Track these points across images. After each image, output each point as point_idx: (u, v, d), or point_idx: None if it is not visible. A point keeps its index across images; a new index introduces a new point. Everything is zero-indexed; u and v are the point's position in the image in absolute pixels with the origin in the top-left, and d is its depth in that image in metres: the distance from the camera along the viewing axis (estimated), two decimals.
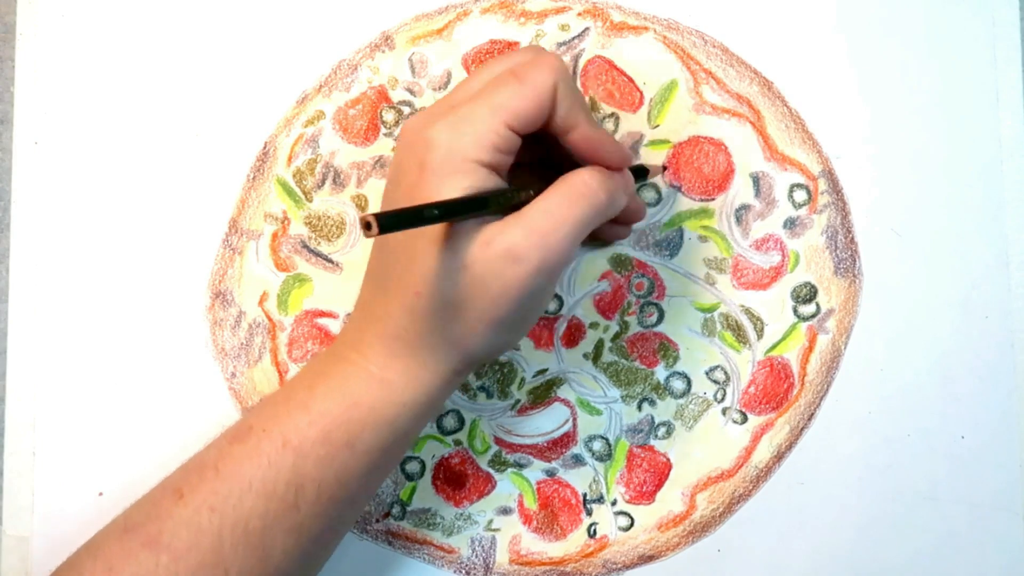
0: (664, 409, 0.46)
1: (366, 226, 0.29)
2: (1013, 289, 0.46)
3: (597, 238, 0.45)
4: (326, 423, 0.36)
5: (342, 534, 0.39)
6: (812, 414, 0.45)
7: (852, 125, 0.46)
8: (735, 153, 0.46)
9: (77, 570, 0.36)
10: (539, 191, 0.35)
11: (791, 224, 0.46)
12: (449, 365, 0.36)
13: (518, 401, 0.46)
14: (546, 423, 0.46)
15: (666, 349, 0.46)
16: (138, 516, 0.36)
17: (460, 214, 0.33)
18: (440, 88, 0.46)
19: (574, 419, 0.46)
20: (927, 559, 0.45)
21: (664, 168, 0.45)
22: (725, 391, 0.46)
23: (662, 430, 0.45)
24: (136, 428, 0.44)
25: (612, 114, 0.46)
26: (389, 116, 0.46)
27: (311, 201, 0.45)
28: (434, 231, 0.34)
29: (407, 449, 0.39)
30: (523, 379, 0.46)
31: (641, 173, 0.42)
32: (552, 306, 0.46)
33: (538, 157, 0.38)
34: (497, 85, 0.35)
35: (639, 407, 0.46)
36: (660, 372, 0.46)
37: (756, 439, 0.45)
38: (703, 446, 0.45)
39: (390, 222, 0.29)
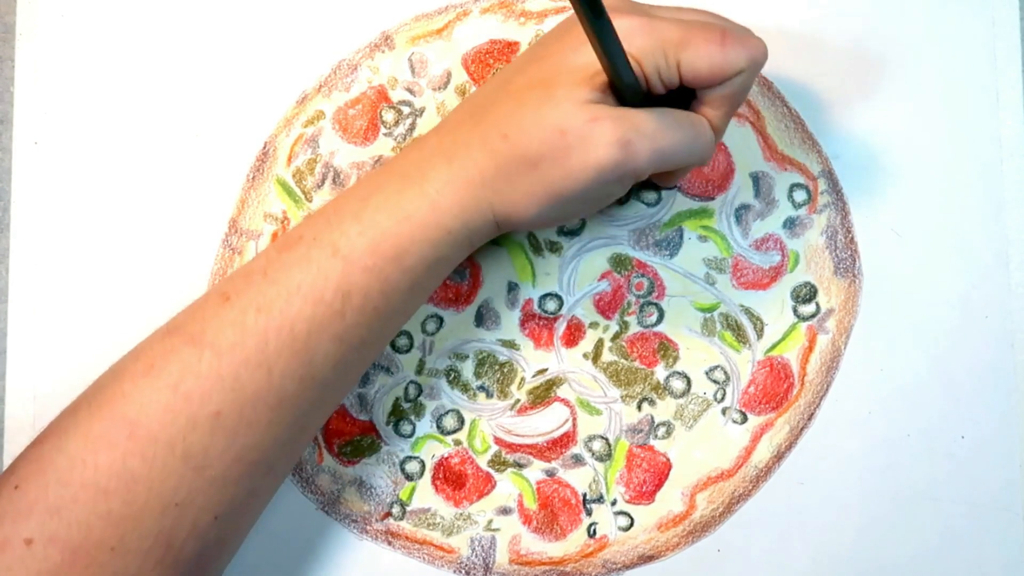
0: (664, 409, 0.46)
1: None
2: (1013, 289, 0.46)
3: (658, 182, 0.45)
4: (375, 234, 0.36)
5: (376, 352, 0.39)
6: (812, 414, 0.45)
7: (852, 125, 0.46)
8: (735, 153, 0.46)
9: (118, 372, 0.36)
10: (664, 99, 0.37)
11: (791, 224, 0.46)
12: (497, 213, 0.37)
13: (518, 401, 0.46)
14: (546, 423, 0.46)
15: (666, 349, 0.46)
16: (182, 319, 0.37)
17: (612, 57, 0.33)
18: (440, 88, 0.46)
19: (574, 419, 0.46)
20: (927, 559, 0.45)
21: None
22: (725, 391, 0.46)
23: (662, 430, 0.45)
24: None
25: None
26: (389, 116, 0.46)
27: (311, 201, 0.45)
28: (548, 83, 0.35)
29: (444, 277, 0.39)
30: (523, 379, 0.46)
31: None
32: (552, 306, 0.46)
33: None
34: (701, 29, 0.36)
35: (639, 407, 0.45)
36: (660, 372, 0.46)
37: (756, 439, 0.45)
38: (703, 446, 0.45)
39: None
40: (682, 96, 0.38)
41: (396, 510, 0.45)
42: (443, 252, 0.37)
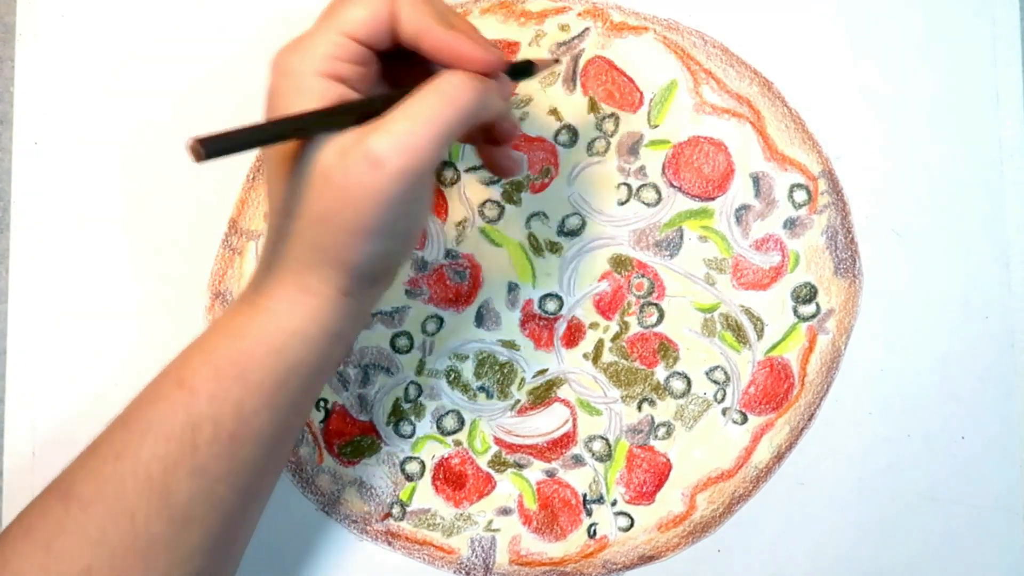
0: (664, 409, 0.46)
1: (193, 152, 0.27)
2: (1013, 289, 0.46)
3: (491, 168, 0.43)
4: (216, 359, 0.35)
5: (259, 482, 0.37)
6: (812, 414, 0.45)
7: (852, 125, 0.46)
8: (735, 153, 0.46)
9: (4, 537, 0.36)
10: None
11: (791, 224, 0.46)
12: (333, 285, 0.35)
13: (518, 401, 0.46)
14: (546, 423, 0.46)
15: (666, 349, 0.46)
16: (59, 476, 0.37)
17: (298, 131, 0.32)
18: None
19: (574, 419, 0.46)
20: (927, 559, 0.45)
21: (556, 60, 0.43)
22: (725, 391, 0.46)
23: (662, 430, 0.45)
24: None
25: (612, 114, 0.46)
26: None
27: None
28: (290, 149, 0.34)
29: (316, 385, 0.38)
30: (523, 379, 0.46)
31: (525, 71, 0.39)
32: (552, 306, 0.46)
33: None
34: (337, 1, 0.34)
35: (639, 407, 0.45)
36: (660, 372, 0.46)
37: (756, 439, 0.45)
38: (703, 446, 0.45)
39: (217, 146, 0.28)
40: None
41: (396, 511, 0.45)
42: (294, 356, 0.35)
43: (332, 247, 0.34)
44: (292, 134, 0.32)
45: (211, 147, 0.28)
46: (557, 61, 0.43)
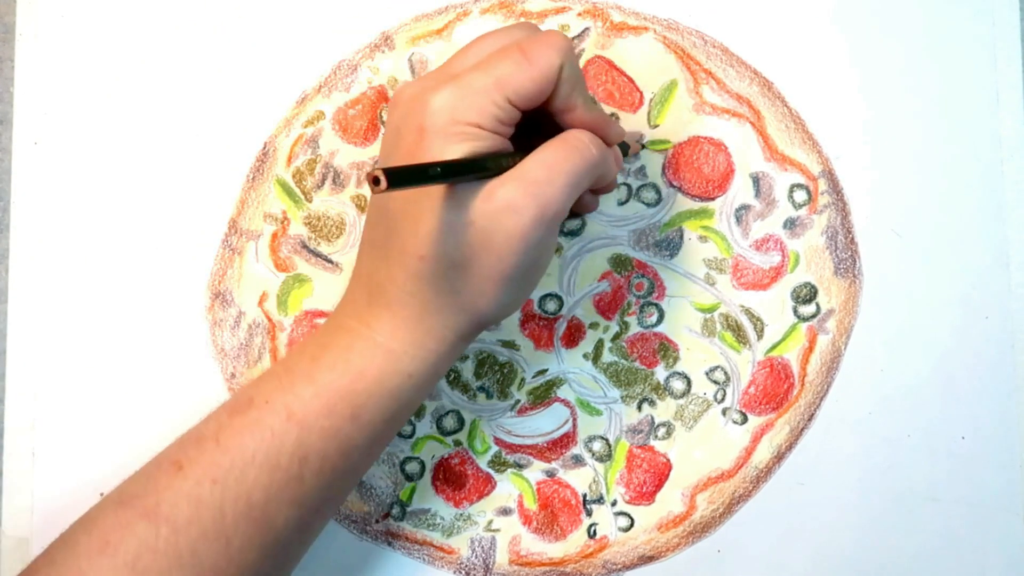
0: (664, 409, 0.46)
1: (374, 181, 0.28)
2: (1013, 289, 0.46)
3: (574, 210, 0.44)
4: (330, 395, 0.35)
5: (340, 503, 0.39)
6: (812, 415, 0.45)
7: (852, 125, 0.46)
8: (735, 153, 0.46)
9: (71, 546, 0.35)
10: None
11: (791, 224, 0.46)
12: (457, 330, 0.36)
13: (518, 401, 0.46)
14: (546, 423, 0.46)
15: (666, 349, 0.46)
16: (134, 489, 0.36)
17: (464, 173, 0.33)
18: None
19: (574, 419, 0.46)
20: (927, 559, 0.45)
21: (642, 145, 0.45)
22: (725, 391, 0.46)
23: (662, 430, 0.45)
24: (135, 428, 0.44)
25: (612, 114, 0.46)
26: None
27: (311, 201, 0.45)
28: (436, 193, 0.34)
29: (409, 416, 0.38)
30: (523, 379, 0.46)
31: (624, 149, 0.43)
32: (552, 306, 0.46)
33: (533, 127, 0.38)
34: (501, 58, 0.34)
35: (639, 407, 0.45)
36: (660, 372, 0.46)
37: (756, 439, 0.45)
38: (703, 446, 0.45)
39: (399, 177, 0.29)
40: (541, 121, 0.37)
41: (396, 511, 0.45)
42: (406, 397, 0.36)
43: (468, 292, 0.35)
44: (454, 176, 0.33)
45: (393, 177, 0.29)
46: (644, 146, 0.45)
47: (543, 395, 0.46)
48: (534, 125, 0.37)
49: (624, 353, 0.46)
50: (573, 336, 0.46)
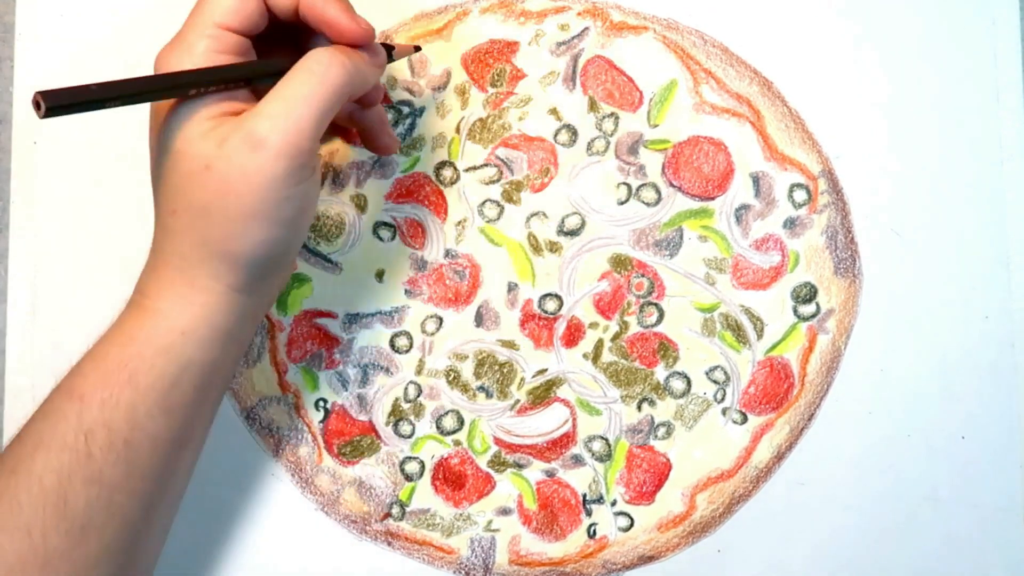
0: (664, 409, 0.45)
1: (35, 105, 0.28)
2: (1013, 289, 0.46)
3: (369, 145, 0.43)
4: (106, 364, 0.35)
5: (162, 488, 0.37)
6: (812, 414, 0.45)
7: (852, 125, 0.46)
8: (735, 153, 0.46)
9: None
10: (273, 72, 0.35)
11: (791, 224, 0.46)
12: (223, 279, 0.35)
13: (518, 401, 0.45)
14: (546, 423, 0.45)
15: (666, 349, 0.46)
16: None
17: (133, 94, 0.33)
18: (440, 88, 0.46)
19: (574, 419, 0.45)
20: (928, 559, 0.45)
21: (417, 48, 0.43)
22: (725, 391, 0.46)
23: (662, 430, 0.45)
24: None
25: (612, 114, 0.46)
26: (389, 116, 0.46)
27: None
28: (177, 149, 0.34)
29: (213, 387, 0.37)
30: (523, 379, 0.46)
31: (387, 52, 0.40)
32: (552, 306, 0.46)
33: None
34: None
35: (639, 407, 0.45)
36: (660, 372, 0.45)
37: (756, 439, 0.45)
38: (703, 446, 0.45)
39: (57, 99, 0.28)
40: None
41: (396, 511, 0.45)
42: (185, 356, 0.35)
43: (218, 239, 0.34)
44: (153, 97, 0.33)
45: (52, 101, 0.28)
46: (418, 48, 0.43)
47: (543, 395, 0.45)
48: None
49: (624, 353, 0.46)
50: (573, 336, 0.46)
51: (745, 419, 0.45)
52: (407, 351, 0.45)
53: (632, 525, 0.45)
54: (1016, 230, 0.46)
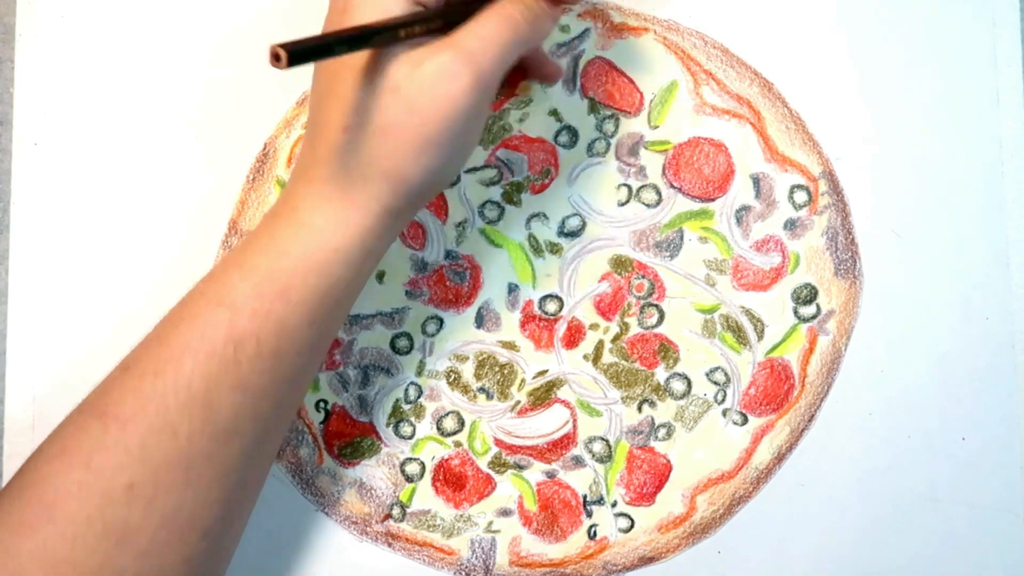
0: (664, 410, 0.46)
1: (275, 57, 0.28)
2: (1013, 290, 0.46)
3: (538, 76, 0.43)
4: (258, 276, 0.35)
5: (295, 394, 0.38)
6: (812, 415, 0.45)
7: (852, 126, 0.46)
8: (735, 154, 0.46)
9: (36, 455, 0.36)
10: (462, 15, 0.36)
11: (791, 225, 0.46)
12: (383, 201, 0.36)
13: (518, 402, 0.46)
14: (546, 425, 0.45)
15: (666, 350, 0.46)
16: (90, 396, 0.37)
17: (369, 41, 0.33)
18: None
19: (574, 420, 0.46)
20: (928, 560, 0.45)
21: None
22: (725, 392, 0.46)
23: (662, 431, 0.45)
24: None
25: (612, 115, 0.46)
26: None
27: None
28: (358, 63, 0.34)
29: (350, 299, 0.38)
30: (523, 380, 0.46)
31: None
32: (552, 307, 0.46)
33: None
34: None
35: (639, 408, 0.45)
36: (660, 373, 0.46)
37: (756, 440, 0.45)
38: (703, 448, 0.45)
39: (300, 51, 0.28)
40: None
41: (396, 512, 0.45)
42: (336, 274, 0.36)
43: (391, 158, 0.35)
44: (374, 42, 0.33)
45: (296, 52, 0.28)
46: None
47: (543, 396, 0.46)
48: None
49: (624, 354, 0.46)
50: (573, 337, 0.46)
51: (745, 420, 0.45)
52: (407, 352, 0.45)
53: (632, 526, 0.45)
54: (1016, 230, 0.46)
